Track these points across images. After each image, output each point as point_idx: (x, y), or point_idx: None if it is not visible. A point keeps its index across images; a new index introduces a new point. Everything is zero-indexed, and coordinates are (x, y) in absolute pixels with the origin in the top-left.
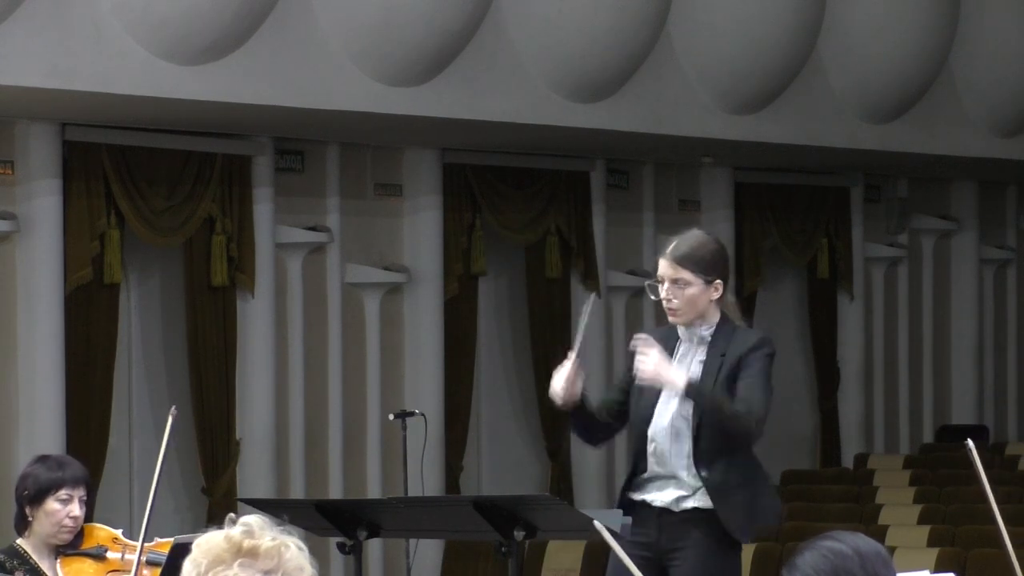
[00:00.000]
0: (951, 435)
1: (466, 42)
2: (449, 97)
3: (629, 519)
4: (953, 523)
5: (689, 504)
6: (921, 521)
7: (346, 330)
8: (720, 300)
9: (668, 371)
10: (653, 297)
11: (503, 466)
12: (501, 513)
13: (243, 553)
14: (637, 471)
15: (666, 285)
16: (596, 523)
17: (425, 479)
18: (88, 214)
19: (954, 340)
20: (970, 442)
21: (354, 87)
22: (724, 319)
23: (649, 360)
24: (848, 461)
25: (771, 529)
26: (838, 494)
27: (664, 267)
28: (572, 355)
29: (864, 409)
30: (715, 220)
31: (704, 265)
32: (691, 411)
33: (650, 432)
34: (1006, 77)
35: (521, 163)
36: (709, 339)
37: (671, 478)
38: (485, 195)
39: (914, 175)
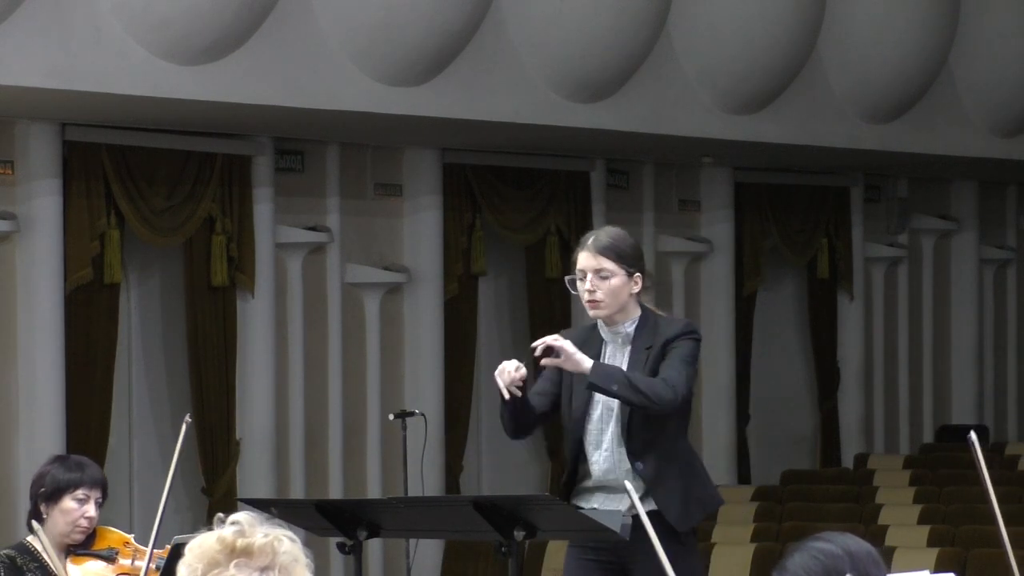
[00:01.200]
0: (951, 435)
1: (466, 42)
2: (449, 97)
3: (629, 519)
4: (953, 523)
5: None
6: (921, 521)
7: (346, 330)
8: (640, 294)
9: (576, 354)
10: (573, 292)
11: (503, 466)
12: (501, 513)
13: (237, 553)
14: (577, 478)
15: (589, 277)
16: (631, 491)
17: (425, 479)
18: (88, 214)
19: (954, 340)
20: (972, 435)
21: (354, 87)
22: (645, 313)
23: (563, 344)
24: (848, 461)
25: (770, 531)
26: (838, 494)
27: (586, 259)
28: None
29: (864, 409)
30: (715, 220)
31: (626, 256)
32: (618, 408)
33: (587, 438)
34: (1006, 77)
35: (521, 163)
36: (633, 334)
37: (616, 486)
38: (485, 195)
39: (914, 175)
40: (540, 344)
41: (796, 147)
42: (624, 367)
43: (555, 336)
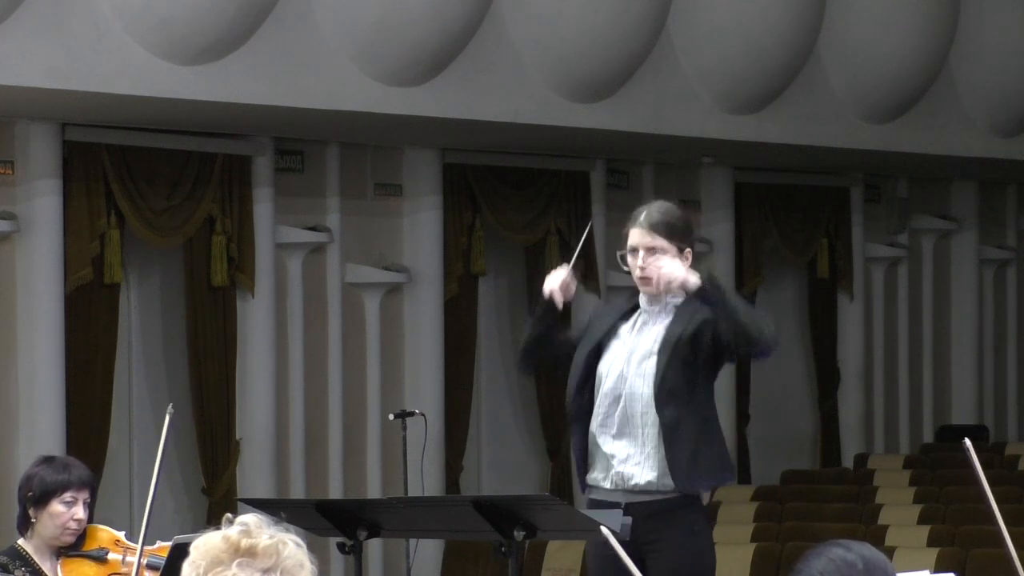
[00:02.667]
0: (951, 435)
1: (466, 42)
2: (449, 97)
3: (629, 519)
4: (953, 523)
5: (651, 480)
6: (921, 521)
7: (346, 330)
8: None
9: (677, 271)
10: (625, 269)
11: (503, 466)
12: (501, 513)
13: (241, 553)
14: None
15: (641, 254)
16: (603, 529)
17: (425, 479)
18: (88, 214)
19: (954, 340)
20: (967, 441)
21: (354, 87)
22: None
23: (657, 266)
24: (848, 461)
25: (770, 531)
26: (838, 494)
27: (639, 236)
28: (567, 265)
29: (864, 409)
30: (715, 220)
31: (678, 232)
32: (650, 368)
33: (604, 391)
34: (1006, 77)
35: (521, 163)
36: (677, 307)
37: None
38: (485, 195)
39: (914, 175)
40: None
41: (796, 147)
42: (659, 336)
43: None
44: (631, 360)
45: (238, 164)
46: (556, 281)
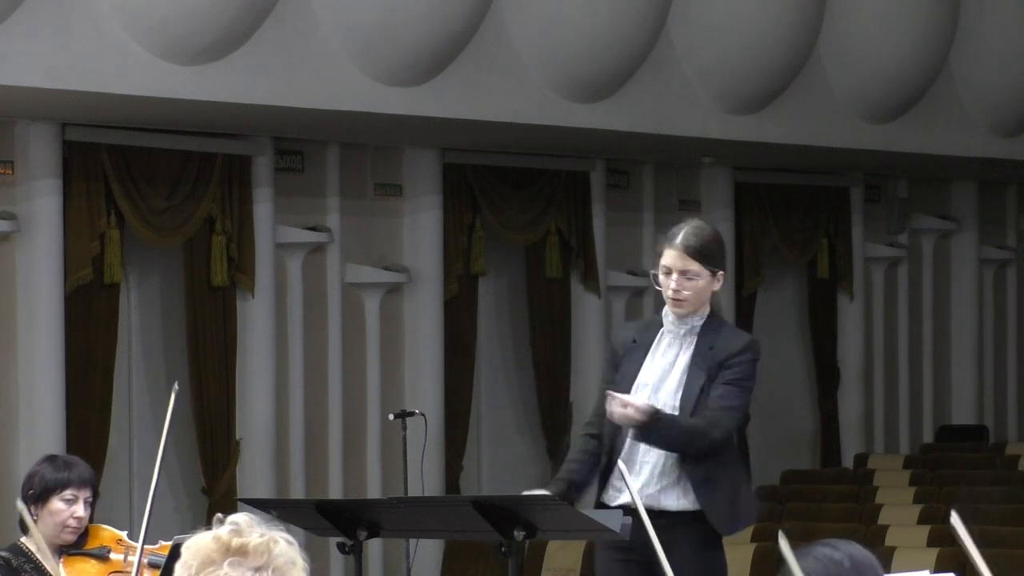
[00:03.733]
0: (951, 435)
1: (466, 42)
2: (449, 97)
3: (629, 519)
4: None
5: (671, 505)
6: (921, 521)
7: (346, 330)
8: (717, 290)
9: (633, 405)
10: (657, 287)
11: (503, 466)
12: (501, 513)
13: (232, 552)
14: (611, 473)
15: (675, 276)
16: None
17: (425, 479)
18: (88, 214)
19: (954, 340)
20: (954, 515)
21: (354, 87)
22: (713, 312)
23: (616, 404)
24: (848, 461)
25: (770, 531)
26: (838, 494)
27: (674, 258)
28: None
29: (864, 409)
30: (715, 220)
31: (713, 257)
32: (677, 402)
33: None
34: (1006, 77)
35: (521, 163)
36: (700, 329)
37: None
38: (485, 195)
39: (914, 175)
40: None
41: (796, 147)
42: (684, 358)
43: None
44: (660, 384)
45: (238, 164)
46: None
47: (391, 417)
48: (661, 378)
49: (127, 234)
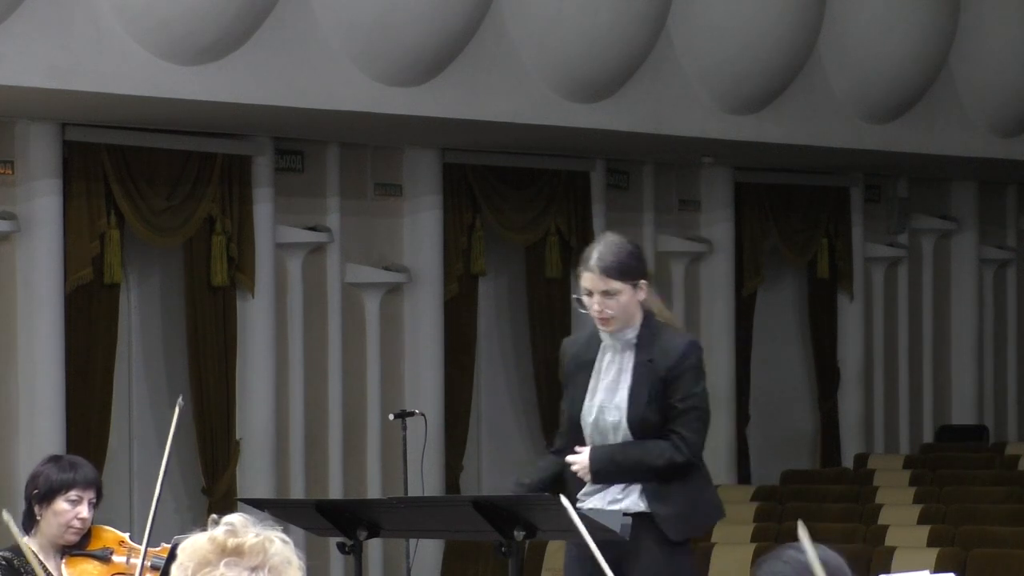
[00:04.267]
0: (951, 435)
1: (466, 42)
2: (449, 97)
3: (629, 519)
4: (953, 523)
5: (634, 507)
6: (921, 521)
7: (346, 330)
8: (644, 298)
9: (578, 462)
10: (582, 310)
11: (503, 466)
12: (501, 513)
13: (228, 552)
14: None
15: (596, 297)
16: (563, 499)
17: (425, 479)
18: (88, 214)
19: (954, 340)
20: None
21: (354, 87)
22: (647, 316)
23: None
24: (848, 461)
25: (770, 531)
26: (838, 494)
27: (592, 280)
28: None
29: (864, 409)
30: (715, 220)
31: (631, 271)
32: (623, 420)
33: (587, 435)
34: (1006, 77)
35: (521, 163)
36: (635, 342)
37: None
38: (485, 195)
39: (914, 175)
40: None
41: (796, 147)
42: (626, 376)
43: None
44: (608, 404)
45: (238, 164)
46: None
47: (391, 417)
48: (608, 398)
49: (127, 234)
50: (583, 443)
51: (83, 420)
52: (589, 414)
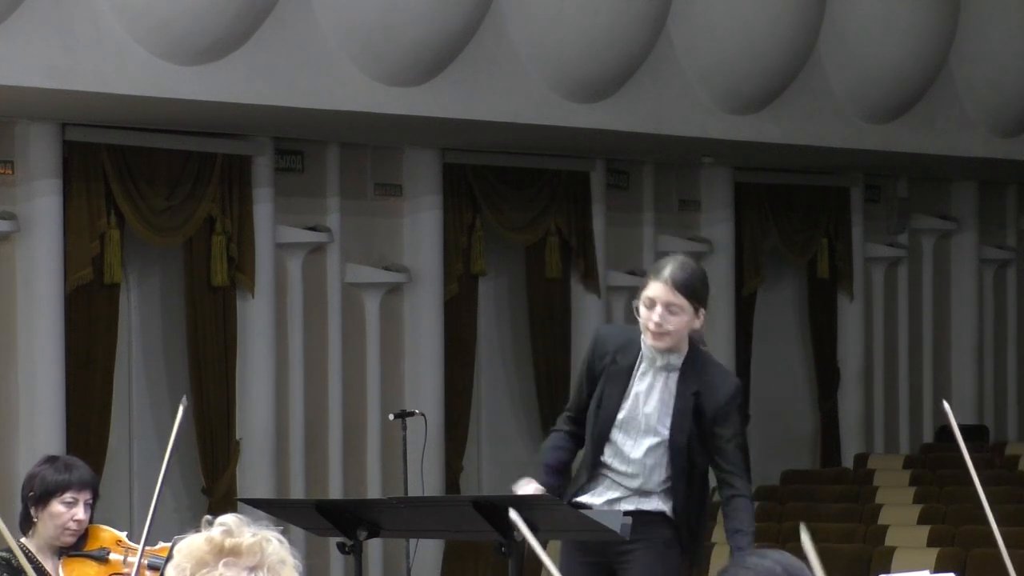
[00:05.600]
0: (951, 435)
1: (466, 42)
2: (449, 97)
3: (629, 520)
4: (953, 523)
5: (651, 507)
6: (921, 521)
7: (346, 330)
8: (698, 328)
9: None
10: (639, 317)
11: (503, 466)
12: (501, 513)
13: (226, 552)
14: (594, 472)
15: (659, 309)
16: (512, 514)
17: (425, 479)
18: (88, 214)
19: (954, 340)
20: (946, 404)
21: (354, 87)
22: (692, 345)
23: None
24: (848, 461)
25: (770, 531)
26: (838, 494)
27: (662, 291)
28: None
29: (864, 409)
30: (715, 220)
31: (698, 294)
32: (671, 429)
33: (610, 433)
34: (1006, 77)
35: (521, 163)
36: (680, 367)
37: (625, 480)
38: (485, 195)
39: (914, 175)
40: None
41: (796, 147)
42: (658, 395)
43: None
44: (645, 405)
45: (238, 164)
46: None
47: (391, 417)
48: (637, 406)
49: (127, 234)
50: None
51: (83, 420)
52: (630, 419)
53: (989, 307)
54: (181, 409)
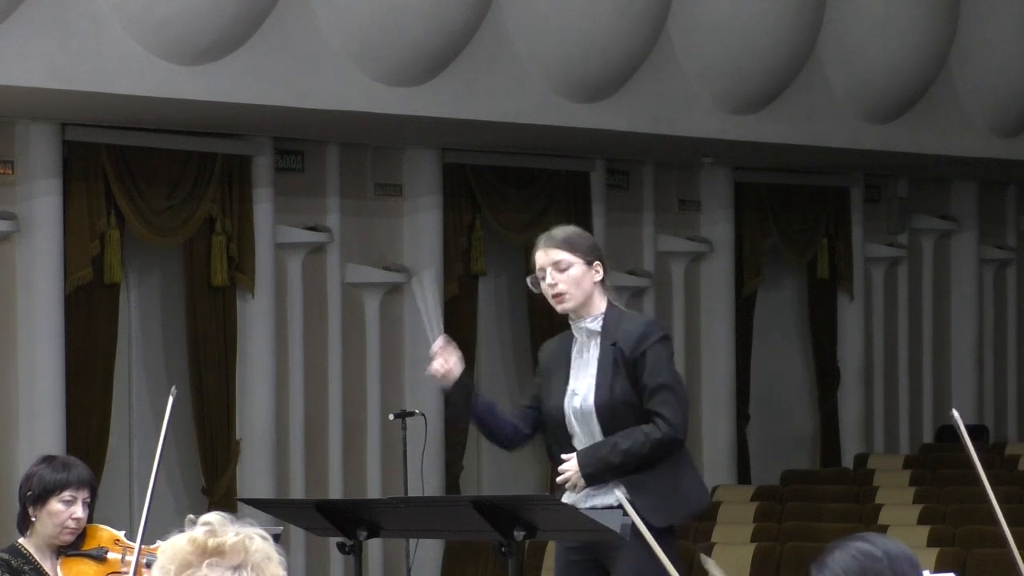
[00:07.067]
0: (951, 435)
1: (466, 42)
2: (449, 97)
3: (629, 519)
4: (953, 523)
5: (612, 501)
6: (921, 521)
7: (346, 330)
8: (603, 284)
9: (568, 470)
10: (535, 290)
11: (503, 466)
12: (501, 513)
13: (209, 552)
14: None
15: (548, 272)
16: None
17: (425, 479)
18: (88, 214)
19: (954, 340)
20: (955, 412)
21: (354, 87)
22: (610, 305)
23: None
24: (848, 461)
25: (770, 531)
26: (838, 494)
27: (542, 256)
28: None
29: (864, 409)
30: (715, 220)
31: (579, 246)
32: (592, 405)
33: (571, 425)
34: (1006, 77)
35: (521, 163)
36: (599, 330)
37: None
38: (485, 195)
39: (914, 175)
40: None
41: (796, 147)
42: (594, 365)
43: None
44: (581, 390)
45: (238, 164)
46: (439, 364)
47: (391, 417)
48: (580, 385)
49: (127, 234)
50: (566, 436)
51: (83, 420)
52: (570, 403)
53: (989, 307)
54: (171, 398)
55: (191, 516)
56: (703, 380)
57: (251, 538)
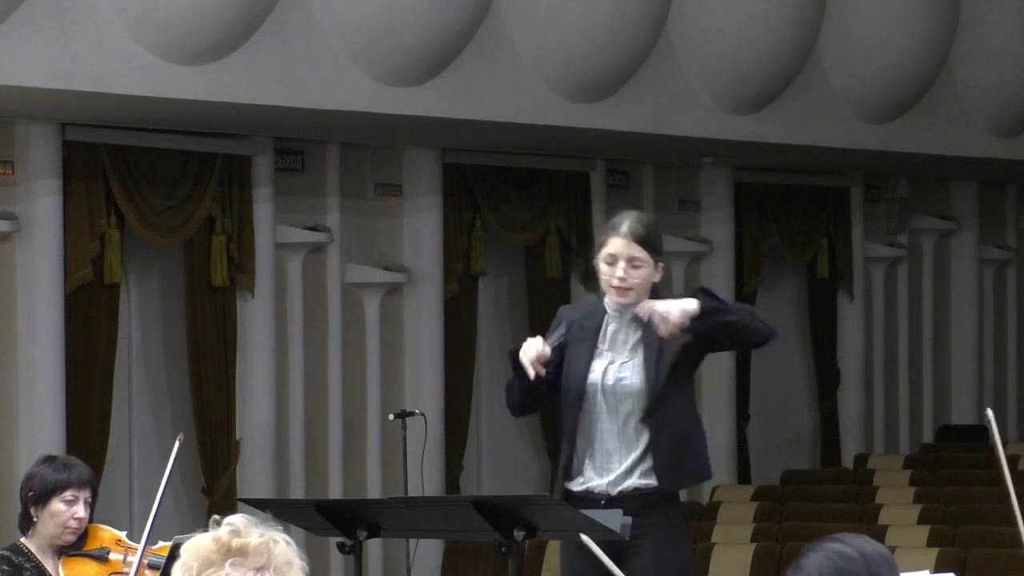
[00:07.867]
0: (951, 435)
1: (466, 42)
2: (449, 97)
3: (629, 519)
4: (953, 523)
5: (630, 484)
6: (921, 521)
7: (346, 330)
8: (657, 282)
9: (672, 305)
10: (601, 275)
11: (503, 466)
12: (501, 513)
13: (233, 552)
14: (575, 457)
15: (622, 264)
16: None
17: (425, 479)
18: (88, 214)
19: (954, 340)
20: (989, 412)
21: (354, 87)
22: (655, 296)
23: (660, 309)
24: (848, 461)
25: (770, 531)
26: (838, 494)
27: (622, 246)
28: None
29: (864, 409)
30: (715, 220)
31: (656, 246)
32: (646, 371)
33: (598, 401)
34: (1006, 77)
35: (521, 163)
36: (646, 319)
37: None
38: (485, 195)
39: (914, 175)
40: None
41: (796, 147)
42: (630, 345)
43: (650, 307)
44: (614, 367)
45: (238, 164)
46: (533, 352)
47: (391, 417)
48: (621, 366)
49: (127, 234)
50: (587, 409)
51: (83, 420)
52: (603, 380)
53: (989, 307)
54: (177, 444)
55: (216, 516)
56: (703, 380)
57: (275, 541)
